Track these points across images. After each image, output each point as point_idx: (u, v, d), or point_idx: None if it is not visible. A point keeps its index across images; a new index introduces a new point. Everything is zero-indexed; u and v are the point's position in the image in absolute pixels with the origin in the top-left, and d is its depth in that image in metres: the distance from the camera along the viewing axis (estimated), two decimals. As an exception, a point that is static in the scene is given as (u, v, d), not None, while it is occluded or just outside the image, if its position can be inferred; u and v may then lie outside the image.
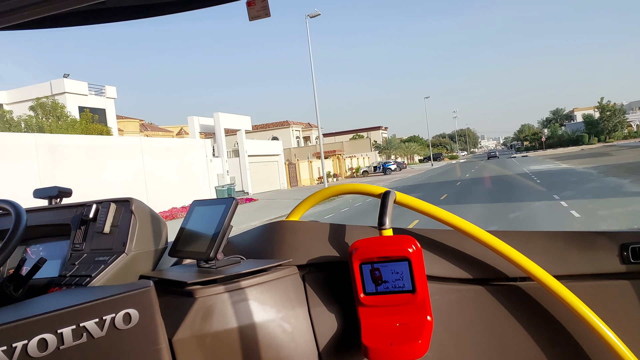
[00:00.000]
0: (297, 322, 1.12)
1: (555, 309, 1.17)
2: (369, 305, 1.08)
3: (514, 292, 1.19)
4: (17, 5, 1.25)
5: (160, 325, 0.98)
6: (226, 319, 1.05)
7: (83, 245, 1.29)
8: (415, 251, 1.05)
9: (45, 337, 0.83)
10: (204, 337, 1.03)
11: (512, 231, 1.22)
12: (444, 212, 1.17)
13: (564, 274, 1.17)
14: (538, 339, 1.18)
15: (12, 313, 0.90)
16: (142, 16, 1.53)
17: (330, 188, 1.33)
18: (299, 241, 1.24)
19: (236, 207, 1.20)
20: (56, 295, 1.08)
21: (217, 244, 1.16)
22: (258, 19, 1.39)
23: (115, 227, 1.26)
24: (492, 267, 1.19)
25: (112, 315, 0.91)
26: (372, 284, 1.08)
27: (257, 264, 1.17)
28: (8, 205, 1.19)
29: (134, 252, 1.23)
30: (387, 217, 1.12)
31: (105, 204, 1.30)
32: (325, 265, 1.21)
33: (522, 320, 1.19)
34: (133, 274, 1.23)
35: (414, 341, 1.02)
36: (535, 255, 1.16)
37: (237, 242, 1.36)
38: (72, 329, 0.86)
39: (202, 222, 1.24)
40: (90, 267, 1.20)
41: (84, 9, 1.36)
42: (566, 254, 1.19)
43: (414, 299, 1.05)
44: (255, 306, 1.08)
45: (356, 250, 1.08)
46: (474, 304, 1.19)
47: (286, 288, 1.14)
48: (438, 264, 1.20)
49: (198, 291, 1.06)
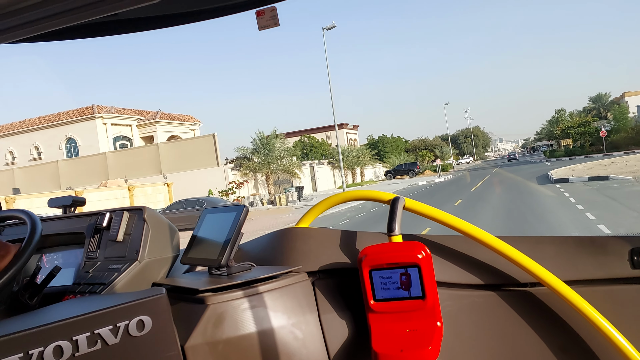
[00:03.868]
0: (308, 329, 1.13)
1: (566, 314, 1.16)
2: (379, 311, 1.08)
3: (524, 297, 1.19)
4: (33, 18, 1.28)
5: (173, 332, 1.00)
6: (238, 326, 1.06)
7: (97, 254, 1.31)
8: (425, 257, 1.05)
9: (61, 344, 0.85)
10: (216, 344, 1.04)
11: (522, 236, 1.22)
12: (454, 218, 1.17)
13: (575, 279, 1.16)
14: (549, 344, 1.17)
15: (27, 321, 0.92)
16: (153, 27, 1.56)
17: (340, 195, 1.34)
18: (309, 248, 1.25)
19: (247, 214, 1.21)
20: (71, 303, 1.10)
21: (229, 251, 1.17)
22: (267, 29, 1.42)
23: (129, 235, 1.28)
24: (503, 273, 1.19)
25: (126, 323, 0.92)
26: (382, 290, 1.08)
27: (268, 270, 1.17)
28: (23, 214, 1.21)
29: (146, 260, 1.24)
30: (396, 223, 1.12)
31: (118, 212, 1.32)
32: (336, 272, 1.21)
33: (533, 325, 1.18)
34: (146, 282, 1.24)
35: (424, 347, 1.02)
36: (546, 261, 1.15)
37: (248, 249, 1.37)
38: (87, 336, 0.88)
39: (213, 230, 1.26)
40: (104, 275, 1.22)
41: (97, 21, 1.39)
42: (576, 259, 1.18)
43: (424, 305, 1.05)
44: (266, 313, 1.09)
45: (366, 256, 1.08)
46: (484, 310, 1.19)
47: (297, 294, 1.15)
48: (448, 270, 1.19)
49: (210, 298, 1.07)
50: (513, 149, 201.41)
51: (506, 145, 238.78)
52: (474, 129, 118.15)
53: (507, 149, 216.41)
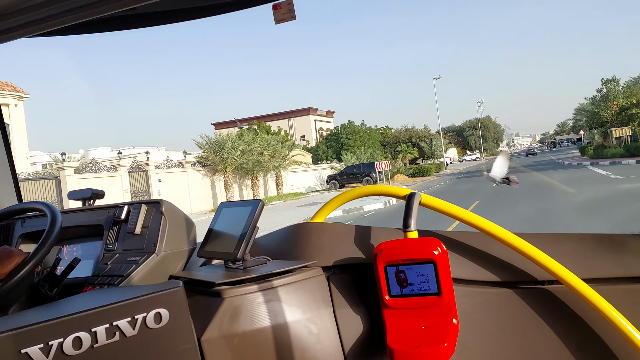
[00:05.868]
0: (323, 324, 1.13)
1: (584, 312, 1.15)
2: (394, 307, 1.08)
3: (541, 295, 1.17)
4: (53, 12, 1.30)
5: (190, 325, 1.01)
6: (253, 319, 1.07)
7: (115, 246, 1.33)
8: (440, 253, 1.04)
9: (80, 336, 0.86)
10: (232, 337, 1.05)
11: (539, 233, 1.20)
12: (471, 214, 1.16)
13: (593, 277, 1.15)
14: (566, 342, 1.16)
15: (47, 312, 0.94)
16: (171, 21, 1.57)
17: (356, 190, 1.33)
18: (324, 243, 1.25)
19: (262, 208, 1.22)
20: (90, 295, 1.12)
21: (244, 244, 1.18)
22: (284, 22, 1.41)
23: (146, 228, 1.30)
24: (520, 270, 1.18)
25: (144, 315, 0.94)
26: (397, 286, 1.08)
27: (283, 264, 1.18)
28: (44, 206, 1.23)
29: (164, 253, 1.26)
30: (412, 219, 1.12)
31: (136, 205, 1.34)
32: (350, 267, 1.21)
33: (550, 323, 1.17)
34: (163, 274, 1.26)
35: (440, 344, 1.02)
36: (564, 258, 1.14)
37: (263, 243, 1.38)
38: (106, 328, 0.89)
39: (229, 224, 1.27)
40: (122, 267, 1.23)
41: (116, 15, 1.40)
42: (595, 257, 1.17)
43: (440, 302, 1.05)
44: (281, 307, 1.10)
45: (381, 252, 1.08)
46: (500, 307, 1.18)
47: (312, 289, 1.15)
48: (464, 267, 1.18)
49: (226, 291, 1.08)
50: (530, 143, 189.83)
51: (522, 139, 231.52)
52: (483, 120, 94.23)
53: (524, 143, 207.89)
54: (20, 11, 1.26)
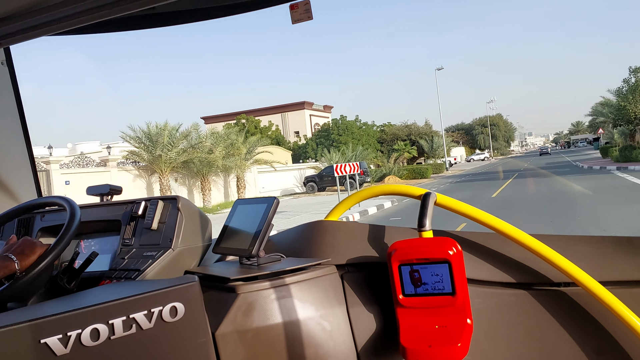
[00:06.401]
0: (336, 321, 1.14)
1: (601, 315, 1.14)
2: (408, 306, 1.08)
3: (557, 297, 1.17)
4: (72, 12, 1.32)
5: (205, 319, 1.02)
6: (267, 315, 1.08)
7: (132, 241, 1.35)
8: (455, 253, 1.04)
9: (98, 327, 0.88)
10: (246, 332, 1.06)
11: (556, 235, 1.19)
12: (486, 214, 1.16)
13: (611, 280, 1.13)
14: (583, 346, 1.15)
15: (66, 303, 0.95)
16: (189, 21, 1.58)
17: (370, 189, 1.34)
18: (338, 241, 1.25)
19: (277, 205, 1.23)
20: (107, 288, 1.14)
21: (259, 241, 1.19)
22: (301, 22, 1.42)
23: (163, 223, 1.32)
24: (535, 271, 1.17)
25: (160, 308, 0.95)
26: (411, 285, 1.08)
27: (297, 262, 1.19)
28: (63, 201, 1.25)
29: (180, 248, 1.27)
30: (427, 219, 1.12)
31: (153, 201, 1.35)
32: (364, 266, 1.22)
33: (566, 326, 1.16)
34: (179, 269, 1.27)
35: (454, 344, 1.02)
36: (581, 260, 1.13)
37: (278, 241, 1.39)
38: (123, 320, 0.91)
39: (244, 220, 1.28)
40: (138, 261, 1.25)
41: (135, 14, 1.42)
42: (613, 259, 1.15)
43: (454, 302, 1.05)
44: (295, 303, 1.11)
45: (395, 251, 1.08)
46: (515, 309, 1.17)
47: (325, 287, 1.16)
48: (479, 267, 1.18)
49: (240, 287, 1.09)
50: (543, 143, 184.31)
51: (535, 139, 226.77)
52: (493, 118, 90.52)
53: (537, 143, 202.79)
54: (42, 10, 1.29)
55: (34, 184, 1.90)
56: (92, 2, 1.28)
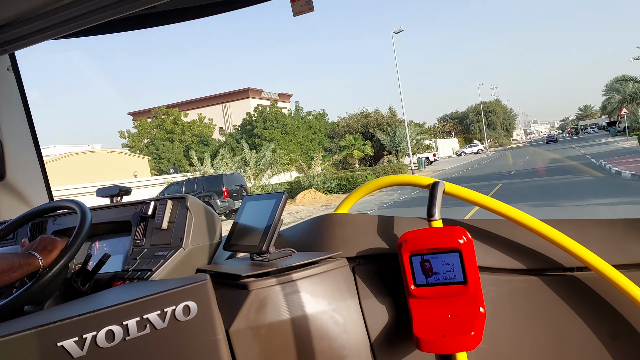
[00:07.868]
0: (349, 314, 1.14)
1: (615, 299, 1.13)
2: (420, 297, 1.08)
3: (570, 282, 1.16)
4: (73, 15, 1.32)
5: (218, 317, 1.02)
6: (280, 311, 1.08)
7: (143, 241, 1.35)
8: (466, 242, 1.04)
9: (112, 329, 0.89)
10: (259, 328, 1.07)
11: (567, 219, 1.19)
12: (496, 201, 1.15)
13: (624, 263, 1.13)
14: (597, 330, 1.14)
15: (81, 306, 0.96)
16: (191, 18, 1.58)
17: (379, 180, 1.33)
18: (348, 234, 1.25)
19: (286, 201, 1.23)
20: (121, 289, 1.15)
21: (269, 237, 1.19)
22: (302, 14, 1.42)
23: (173, 223, 1.32)
24: (547, 257, 1.16)
25: (173, 308, 0.96)
26: (423, 275, 1.08)
27: (308, 256, 1.19)
28: (74, 204, 1.26)
29: (190, 247, 1.28)
30: (436, 208, 1.11)
31: (162, 201, 1.36)
32: (375, 257, 1.21)
33: (580, 311, 1.15)
34: (190, 268, 1.28)
35: (467, 333, 1.01)
36: (593, 244, 1.12)
37: (288, 236, 1.39)
38: (137, 321, 0.91)
39: (254, 217, 1.28)
40: (150, 261, 1.26)
41: (136, 14, 1.42)
42: (626, 243, 1.14)
43: (466, 291, 1.04)
44: (307, 298, 1.11)
45: (405, 242, 1.08)
46: (528, 295, 1.17)
47: (337, 280, 1.16)
48: (490, 255, 1.18)
49: (252, 283, 1.09)
50: (549, 130, 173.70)
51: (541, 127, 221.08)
52: (490, 104, 77.35)
53: (542, 131, 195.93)
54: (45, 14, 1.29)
55: (44, 188, 1.91)
56: (92, 4, 1.28)
